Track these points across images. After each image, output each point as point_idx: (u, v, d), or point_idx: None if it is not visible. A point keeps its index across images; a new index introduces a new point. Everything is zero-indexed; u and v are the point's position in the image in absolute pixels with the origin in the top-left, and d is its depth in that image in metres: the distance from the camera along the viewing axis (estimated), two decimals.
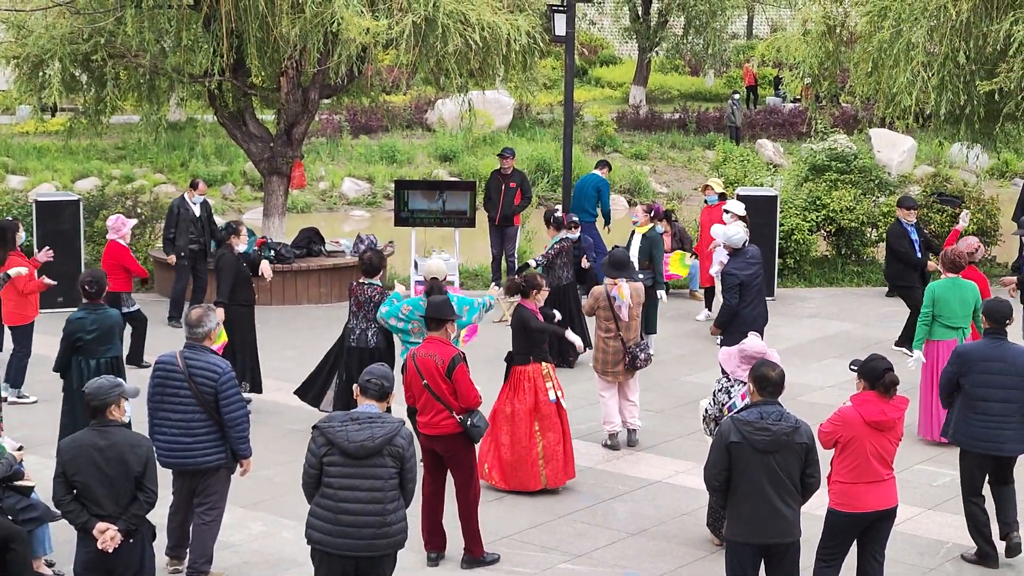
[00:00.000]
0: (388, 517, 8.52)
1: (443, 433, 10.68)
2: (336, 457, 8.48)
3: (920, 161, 39.78)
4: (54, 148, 35.35)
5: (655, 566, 11.04)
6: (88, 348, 12.41)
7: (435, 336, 10.79)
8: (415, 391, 10.72)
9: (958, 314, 14.01)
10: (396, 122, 39.52)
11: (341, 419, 8.59)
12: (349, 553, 8.46)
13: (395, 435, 8.51)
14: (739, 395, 10.71)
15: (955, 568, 11.10)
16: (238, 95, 21.65)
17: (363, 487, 8.47)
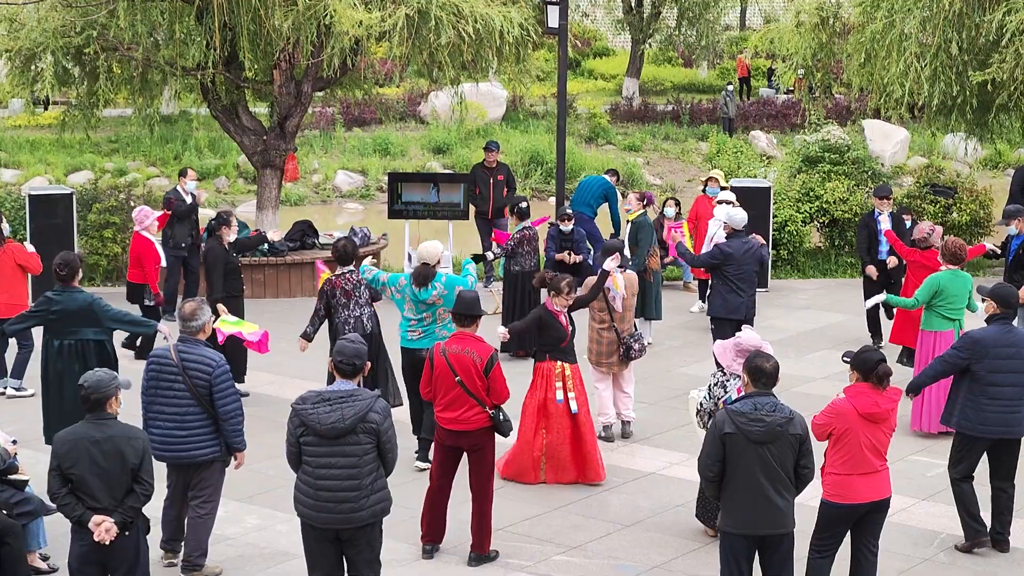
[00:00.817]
0: (366, 490, 8.80)
1: (472, 428, 10.65)
2: (311, 437, 8.79)
3: (913, 152, 39.81)
4: (47, 141, 35.31)
5: (649, 557, 11.06)
6: (52, 328, 12.42)
7: (467, 332, 10.75)
8: (443, 386, 10.63)
9: (957, 305, 14.08)
10: (389, 115, 39.50)
11: (313, 400, 8.83)
12: (331, 526, 8.82)
13: (368, 411, 8.74)
14: (735, 389, 10.72)
15: (948, 558, 11.12)
16: (231, 88, 21.62)
17: (338, 464, 8.76)
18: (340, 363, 8.97)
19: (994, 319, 11.21)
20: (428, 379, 10.78)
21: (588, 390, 13.25)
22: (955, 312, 14.09)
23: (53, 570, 10.46)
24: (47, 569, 10.50)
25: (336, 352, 9.06)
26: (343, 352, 8.99)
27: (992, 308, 11.25)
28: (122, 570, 8.63)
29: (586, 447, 12.67)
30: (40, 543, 10.57)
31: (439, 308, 12.80)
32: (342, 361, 8.96)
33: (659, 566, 10.89)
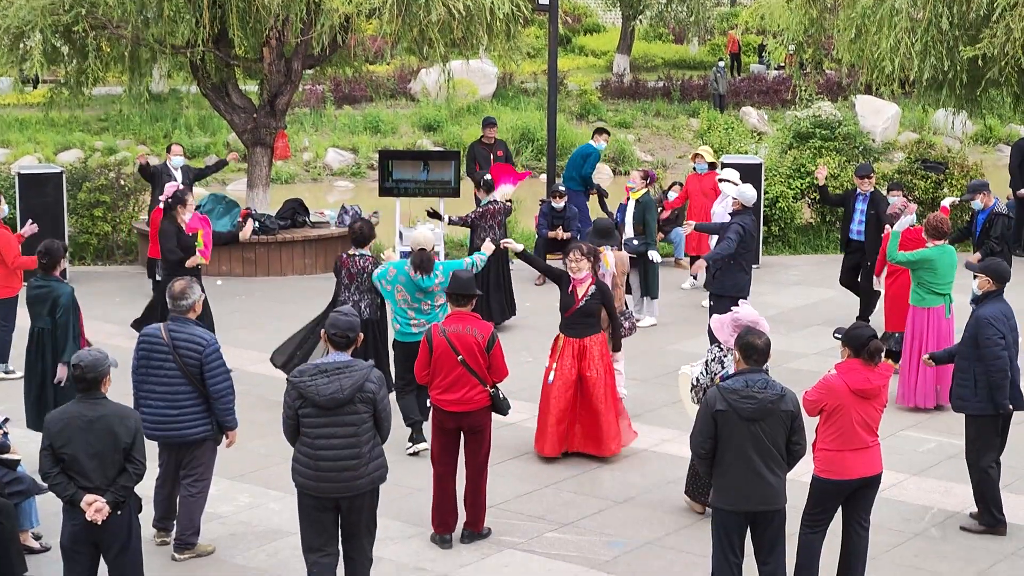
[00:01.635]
0: (364, 458, 8.99)
1: (475, 408, 10.62)
2: (309, 409, 8.93)
3: (904, 128, 39.81)
4: (36, 120, 35.20)
5: (641, 534, 11.08)
6: (29, 312, 12.54)
7: (464, 311, 10.71)
8: (444, 367, 10.56)
9: (947, 280, 14.12)
10: (380, 92, 39.42)
11: (311, 372, 8.97)
12: (330, 495, 8.98)
13: (364, 381, 8.93)
14: (732, 364, 10.70)
15: (940, 533, 11.15)
16: (221, 66, 21.56)
17: (338, 435, 8.93)
18: (334, 335, 9.09)
19: (990, 296, 11.20)
20: (425, 362, 10.68)
21: None
22: (945, 287, 14.13)
23: (45, 549, 10.47)
24: (39, 548, 10.50)
25: (329, 325, 9.16)
26: (336, 324, 9.11)
27: (987, 284, 11.24)
28: (114, 549, 8.64)
29: (594, 418, 12.62)
30: (32, 522, 10.57)
31: (438, 295, 12.69)
32: (335, 334, 9.09)
33: (651, 542, 10.92)
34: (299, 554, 10.35)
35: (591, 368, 12.59)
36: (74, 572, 8.70)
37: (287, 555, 10.58)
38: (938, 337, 14.16)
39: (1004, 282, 11.24)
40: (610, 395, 12.68)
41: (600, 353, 12.64)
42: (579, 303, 12.60)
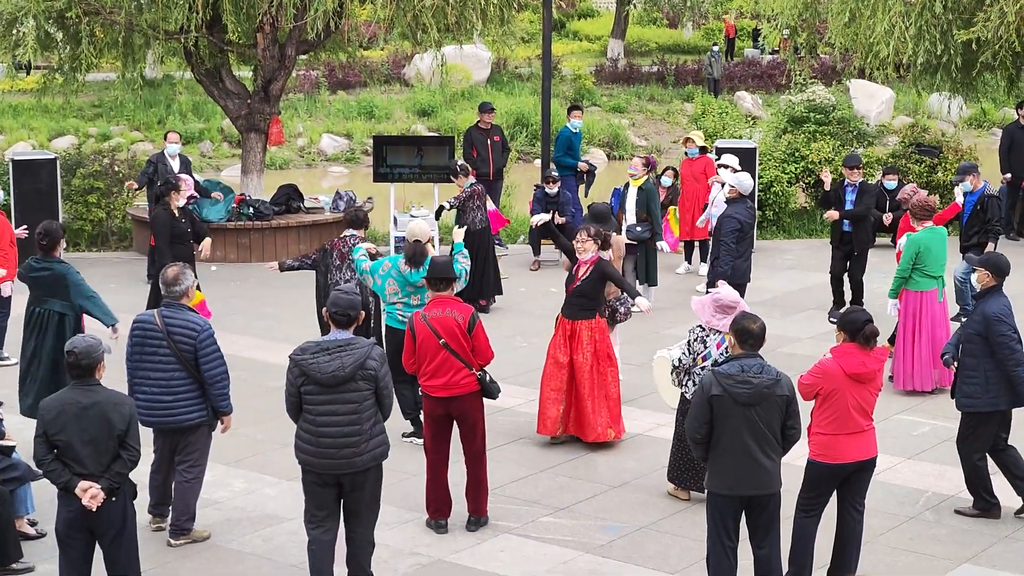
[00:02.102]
0: (366, 435, 9.10)
1: (461, 393, 10.57)
2: (312, 386, 9.04)
3: (898, 112, 39.83)
4: (29, 106, 35.14)
5: (636, 518, 11.09)
6: (31, 295, 12.57)
7: (444, 295, 10.67)
8: (428, 352, 10.52)
9: (940, 262, 14.13)
10: (374, 77, 39.38)
11: (313, 350, 9.08)
12: (332, 472, 9.08)
13: (366, 359, 9.04)
14: (715, 344, 10.77)
15: (934, 516, 11.17)
16: (214, 52, 21.52)
17: (340, 411, 9.04)
18: (335, 314, 9.20)
19: (991, 291, 10.99)
20: (411, 350, 10.64)
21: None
22: (937, 270, 14.14)
23: (41, 535, 10.46)
24: (35, 534, 10.50)
25: (331, 303, 9.27)
26: (337, 303, 9.22)
27: (987, 279, 10.99)
28: (109, 535, 8.64)
29: (580, 403, 12.58)
30: (27, 508, 10.58)
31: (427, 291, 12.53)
32: (337, 312, 9.19)
33: (646, 526, 10.93)
34: (295, 539, 10.42)
35: (580, 352, 12.54)
36: (69, 558, 8.70)
37: (282, 540, 10.59)
38: (932, 321, 14.18)
39: (1004, 276, 11.07)
40: (600, 383, 12.58)
41: (592, 339, 12.57)
42: (577, 282, 12.60)
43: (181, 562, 10.23)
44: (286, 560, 10.25)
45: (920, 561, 10.34)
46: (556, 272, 18.93)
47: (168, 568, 10.09)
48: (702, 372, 10.84)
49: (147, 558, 9.74)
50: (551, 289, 18.66)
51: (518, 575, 10.06)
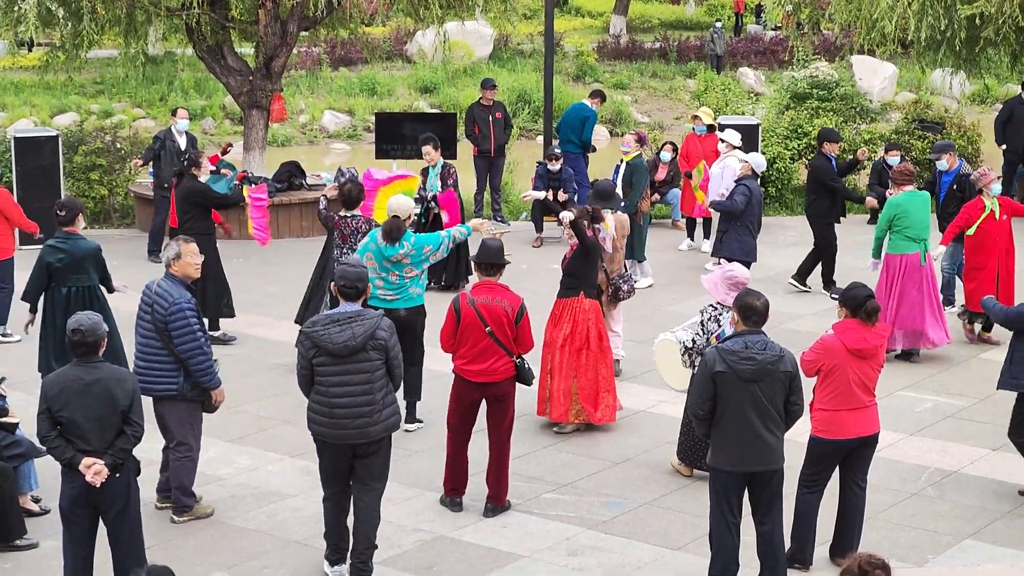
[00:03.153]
0: (378, 405, 9.22)
1: (500, 379, 10.54)
2: (324, 357, 9.16)
3: (901, 88, 39.73)
4: (31, 83, 35.09)
5: (639, 494, 11.12)
6: (59, 275, 12.52)
7: (492, 281, 10.60)
8: (471, 338, 10.46)
9: (921, 225, 14.35)
10: (376, 54, 39.28)
11: (324, 322, 9.23)
12: (346, 442, 9.21)
13: (376, 329, 9.19)
14: (728, 322, 10.71)
15: (936, 492, 11.19)
16: (216, 28, 21.48)
17: (352, 382, 9.16)
18: (344, 287, 9.35)
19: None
20: (452, 331, 10.54)
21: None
22: (920, 232, 14.36)
23: (44, 512, 10.49)
24: (38, 511, 10.53)
25: (339, 276, 9.40)
26: (346, 276, 9.37)
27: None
28: (113, 511, 8.65)
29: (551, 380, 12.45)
30: (31, 485, 10.61)
31: (406, 267, 12.24)
32: (345, 285, 9.34)
33: (649, 503, 10.95)
34: (299, 516, 10.47)
35: (559, 330, 12.44)
36: (73, 535, 8.72)
37: (286, 516, 10.61)
38: (913, 284, 14.31)
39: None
40: (571, 364, 12.34)
41: (575, 319, 12.40)
42: (566, 260, 12.63)
43: (184, 539, 10.26)
44: (290, 536, 10.28)
45: (922, 537, 10.37)
46: (558, 248, 18.92)
47: (172, 544, 10.11)
48: None
49: (151, 535, 9.76)
50: (553, 266, 18.60)
51: (521, 551, 10.08)
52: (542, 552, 10.08)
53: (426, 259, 12.29)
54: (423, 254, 12.19)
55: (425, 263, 12.33)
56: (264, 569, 9.80)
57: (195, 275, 10.43)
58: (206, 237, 15.13)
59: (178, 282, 10.29)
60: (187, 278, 10.36)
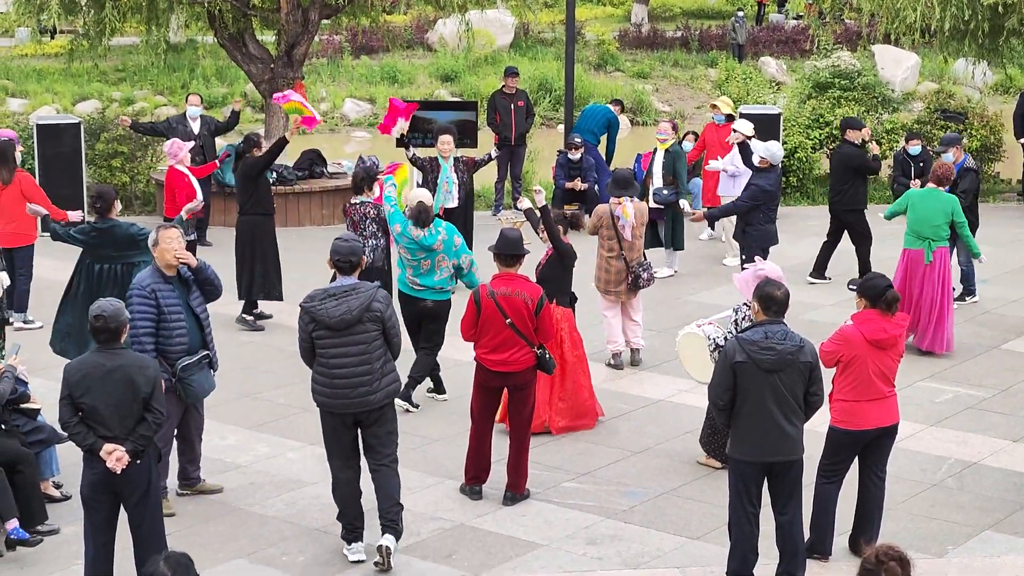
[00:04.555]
0: (377, 374, 9.49)
1: (520, 369, 10.53)
2: (323, 331, 9.46)
3: (924, 78, 39.57)
4: (54, 70, 35.19)
5: (658, 484, 11.12)
6: (93, 252, 12.85)
7: (512, 272, 10.60)
8: (491, 329, 10.48)
9: (929, 224, 14.32)
10: (397, 42, 39.16)
11: (320, 297, 9.53)
12: (348, 411, 9.50)
13: (371, 301, 9.47)
14: None
15: (956, 483, 11.17)
16: (238, 16, 21.50)
17: (351, 353, 9.44)
18: (338, 261, 9.66)
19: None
20: (472, 322, 10.57)
21: (596, 319, 13.17)
22: (927, 232, 14.33)
23: (66, 498, 10.54)
24: (60, 497, 10.58)
25: (333, 252, 9.69)
26: (339, 251, 9.67)
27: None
28: (134, 498, 8.68)
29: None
30: (53, 471, 10.66)
31: (439, 255, 12.47)
32: (339, 260, 9.66)
33: (668, 492, 10.95)
34: (318, 503, 10.49)
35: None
36: (94, 521, 8.75)
37: (305, 504, 10.64)
38: (920, 283, 14.29)
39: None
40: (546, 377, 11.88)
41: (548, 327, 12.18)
42: (540, 267, 12.51)
43: (204, 525, 10.30)
44: (309, 524, 10.31)
45: (942, 528, 10.35)
46: (579, 238, 18.90)
47: (191, 531, 10.15)
48: None
49: (171, 521, 9.82)
50: None
51: (540, 540, 10.09)
52: (561, 541, 10.09)
53: (456, 254, 12.51)
54: (454, 243, 12.36)
55: (456, 258, 12.54)
56: (283, 556, 9.83)
57: (172, 261, 10.08)
58: (265, 218, 15.39)
59: (155, 269, 10.14)
60: (166, 265, 10.13)
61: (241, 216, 15.51)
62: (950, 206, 14.41)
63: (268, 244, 15.43)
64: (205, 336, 10.28)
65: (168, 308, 10.00)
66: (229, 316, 15.49)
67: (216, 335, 10.62)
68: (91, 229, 12.89)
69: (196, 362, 10.14)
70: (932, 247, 14.34)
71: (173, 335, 10.01)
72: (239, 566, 9.70)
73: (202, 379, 10.22)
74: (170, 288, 10.09)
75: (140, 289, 9.96)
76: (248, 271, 15.41)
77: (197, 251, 17.05)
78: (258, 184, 15.42)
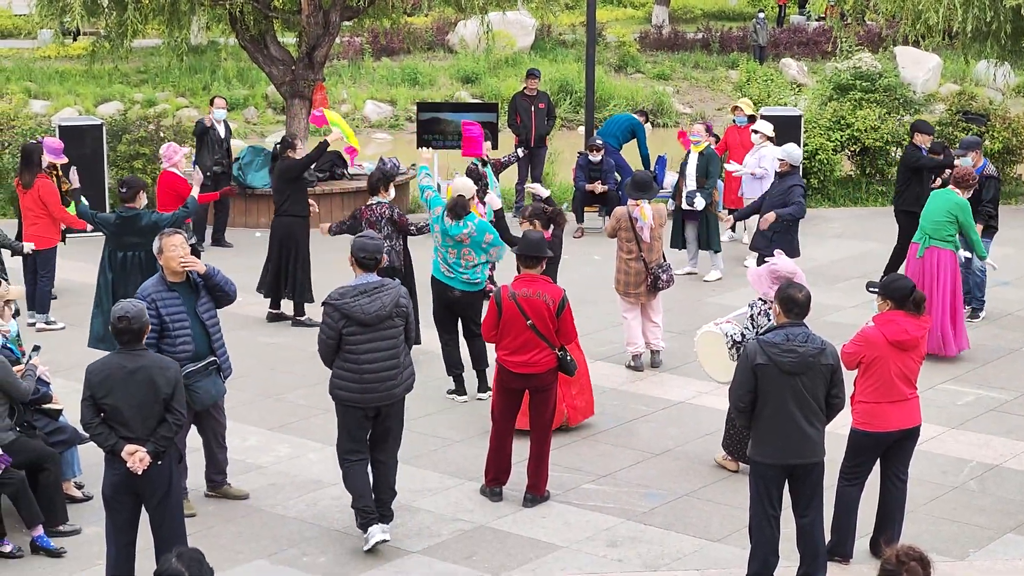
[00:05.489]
0: (401, 367, 9.82)
1: (541, 371, 10.53)
2: (354, 327, 9.63)
3: (945, 79, 39.45)
4: (76, 72, 35.32)
5: (679, 486, 11.10)
6: (117, 240, 13.13)
7: (533, 274, 10.58)
8: (513, 331, 10.48)
9: (930, 220, 14.27)
10: (417, 44, 39.31)
11: (352, 293, 9.69)
12: (374, 404, 9.77)
13: (399, 297, 9.78)
14: (774, 316, 10.67)
15: (978, 486, 11.13)
16: (259, 18, 21.55)
17: (381, 348, 9.69)
18: (363, 258, 9.80)
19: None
20: (494, 323, 10.59)
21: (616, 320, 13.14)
22: (926, 227, 14.32)
23: (87, 498, 10.58)
24: (82, 497, 10.62)
25: (358, 249, 9.82)
26: (365, 248, 9.82)
27: None
28: (155, 498, 8.70)
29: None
30: (75, 471, 10.69)
31: (464, 248, 12.66)
32: (365, 256, 9.80)
33: (688, 494, 10.94)
34: (339, 504, 10.49)
35: None
36: (115, 521, 8.78)
37: (326, 505, 10.66)
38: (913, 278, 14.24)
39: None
40: None
41: None
42: None
43: (225, 526, 10.32)
44: (330, 525, 10.33)
45: (963, 531, 10.32)
46: (599, 240, 18.92)
47: (213, 532, 10.17)
48: None
49: (193, 521, 9.84)
50: (595, 257, 18.65)
51: (560, 541, 10.09)
52: (581, 543, 10.09)
53: (486, 249, 12.72)
54: (484, 240, 12.50)
55: (484, 254, 12.72)
56: (304, 556, 9.85)
57: (178, 267, 10.01)
58: (302, 220, 15.51)
59: (160, 277, 10.10)
60: (171, 272, 10.06)
61: (277, 217, 15.61)
62: (953, 205, 14.20)
63: (304, 246, 15.51)
64: (212, 342, 10.17)
65: (171, 316, 9.94)
66: (249, 317, 15.53)
67: (237, 335, 10.70)
68: (116, 216, 13.24)
69: (202, 368, 10.05)
70: (927, 243, 14.24)
71: (177, 343, 9.92)
72: (260, 567, 9.71)
73: (208, 385, 10.14)
74: (174, 296, 10.01)
75: (141, 299, 9.80)
76: (284, 272, 15.47)
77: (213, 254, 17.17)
78: (296, 186, 15.50)
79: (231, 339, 11.02)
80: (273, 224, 15.74)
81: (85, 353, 12.53)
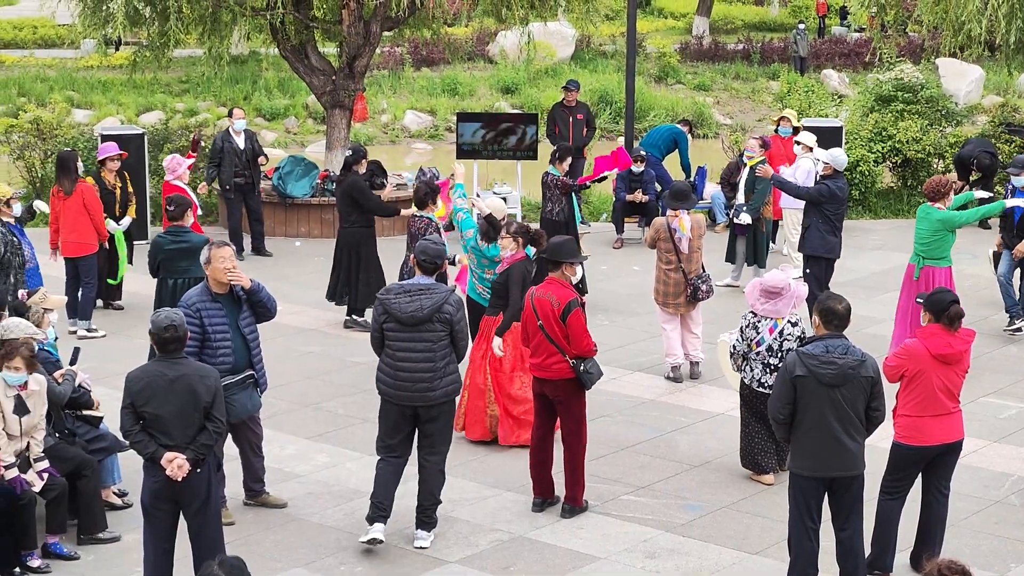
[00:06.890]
0: (439, 372, 9.88)
1: (554, 377, 10.50)
2: (392, 323, 9.89)
3: (988, 91, 39.20)
4: (118, 82, 35.52)
5: (717, 498, 11.06)
6: (166, 266, 12.99)
7: (553, 277, 10.60)
8: (530, 331, 10.60)
9: (919, 241, 14.13)
10: (458, 54, 39.37)
11: (396, 291, 9.97)
12: (406, 403, 9.91)
13: (443, 303, 9.86)
14: (767, 329, 10.91)
15: (1020, 500, 11.04)
16: (300, 28, 21.63)
17: (416, 348, 9.85)
18: (423, 261, 10.06)
19: None
20: (522, 324, 10.78)
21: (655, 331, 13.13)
22: (917, 248, 14.16)
23: (127, 506, 10.63)
24: (121, 504, 10.67)
25: (420, 251, 10.09)
26: (426, 252, 10.08)
27: None
28: (194, 506, 8.74)
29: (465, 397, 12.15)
30: (115, 479, 10.74)
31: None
32: (425, 260, 10.06)
33: (727, 506, 10.89)
34: None
35: (478, 347, 12.23)
36: (154, 528, 8.81)
37: (364, 514, 10.63)
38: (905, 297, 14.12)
39: None
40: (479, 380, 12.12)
41: (489, 335, 12.09)
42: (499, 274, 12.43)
43: (264, 534, 10.34)
44: None
45: (1005, 546, 10.23)
46: (639, 251, 18.89)
47: (251, 540, 10.20)
48: (756, 357, 11.02)
49: (231, 530, 9.87)
50: (634, 267, 18.62)
51: (598, 553, 10.06)
52: (619, 554, 10.06)
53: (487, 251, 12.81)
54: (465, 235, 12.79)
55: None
56: (341, 566, 9.85)
57: (225, 279, 10.04)
58: (368, 230, 15.55)
59: (204, 287, 10.14)
60: (217, 283, 10.10)
61: (344, 228, 15.72)
62: (936, 223, 13.98)
63: (371, 254, 15.58)
64: (252, 356, 10.19)
65: (213, 327, 9.97)
66: (288, 326, 15.56)
67: (276, 345, 10.73)
68: (169, 233, 13.02)
69: (239, 381, 10.07)
70: (921, 264, 14.11)
71: (217, 354, 9.93)
72: (297, 575, 9.73)
73: (244, 399, 10.16)
74: (218, 307, 10.04)
75: (186, 308, 9.88)
76: (352, 281, 15.52)
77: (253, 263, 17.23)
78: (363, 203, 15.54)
79: (269, 348, 11.05)
80: (339, 234, 15.86)
81: (126, 361, 12.59)
